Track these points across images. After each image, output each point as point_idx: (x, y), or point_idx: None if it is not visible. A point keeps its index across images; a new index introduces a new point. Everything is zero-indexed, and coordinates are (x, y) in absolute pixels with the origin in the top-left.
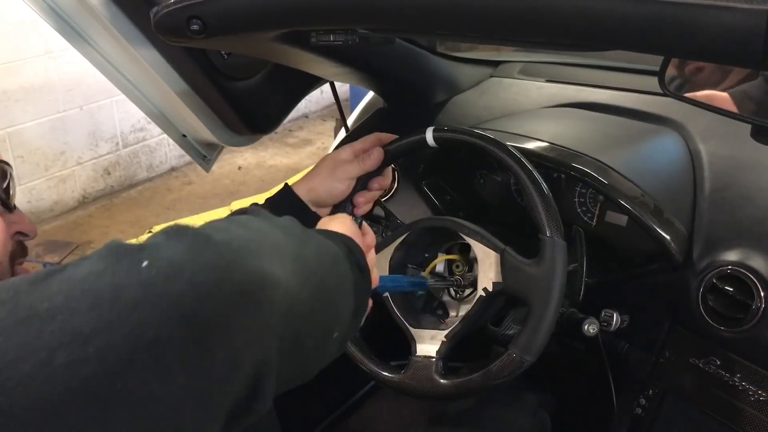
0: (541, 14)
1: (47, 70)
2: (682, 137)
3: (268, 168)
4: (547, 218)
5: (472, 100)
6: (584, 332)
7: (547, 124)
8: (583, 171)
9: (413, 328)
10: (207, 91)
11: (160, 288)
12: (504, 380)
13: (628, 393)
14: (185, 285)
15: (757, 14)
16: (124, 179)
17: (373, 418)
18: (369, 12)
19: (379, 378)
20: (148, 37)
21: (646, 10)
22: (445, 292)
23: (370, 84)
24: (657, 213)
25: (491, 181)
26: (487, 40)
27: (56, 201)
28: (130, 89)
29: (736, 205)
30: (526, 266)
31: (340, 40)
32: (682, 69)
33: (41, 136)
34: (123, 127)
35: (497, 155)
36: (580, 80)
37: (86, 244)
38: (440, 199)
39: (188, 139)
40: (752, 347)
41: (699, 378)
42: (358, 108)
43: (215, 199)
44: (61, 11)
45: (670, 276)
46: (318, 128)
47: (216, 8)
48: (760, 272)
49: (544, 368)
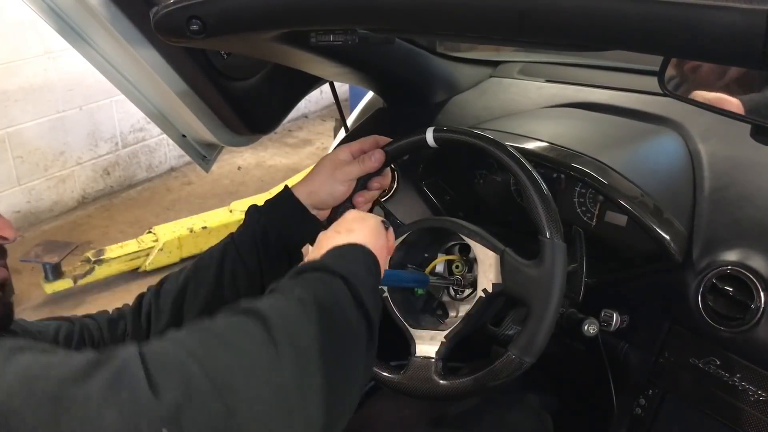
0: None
1: (47, 70)
2: (682, 137)
3: (268, 168)
4: (547, 219)
5: (472, 100)
6: (584, 332)
7: (547, 125)
8: (582, 171)
9: (413, 329)
10: (206, 92)
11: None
12: (503, 381)
13: (628, 393)
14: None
15: (757, 14)
16: (124, 179)
17: (373, 418)
18: (368, 12)
19: (379, 378)
20: (147, 38)
21: (646, 10)
22: (445, 292)
23: (370, 84)
24: (657, 213)
25: (491, 181)
26: (487, 40)
27: (56, 201)
28: (130, 89)
29: (736, 205)
30: (526, 268)
31: (339, 40)
32: (681, 69)
33: (41, 136)
34: (122, 127)
35: (497, 155)
36: (579, 80)
37: (86, 245)
38: (440, 199)
39: (188, 139)
40: (752, 347)
41: (698, 378)
42: (358, 108)
43: (215, 200)
44: (60, 11)
45: (670, 276)
46: (317, 128)
47: (216, 8)
48: (760, 272)
49: (544, 368)
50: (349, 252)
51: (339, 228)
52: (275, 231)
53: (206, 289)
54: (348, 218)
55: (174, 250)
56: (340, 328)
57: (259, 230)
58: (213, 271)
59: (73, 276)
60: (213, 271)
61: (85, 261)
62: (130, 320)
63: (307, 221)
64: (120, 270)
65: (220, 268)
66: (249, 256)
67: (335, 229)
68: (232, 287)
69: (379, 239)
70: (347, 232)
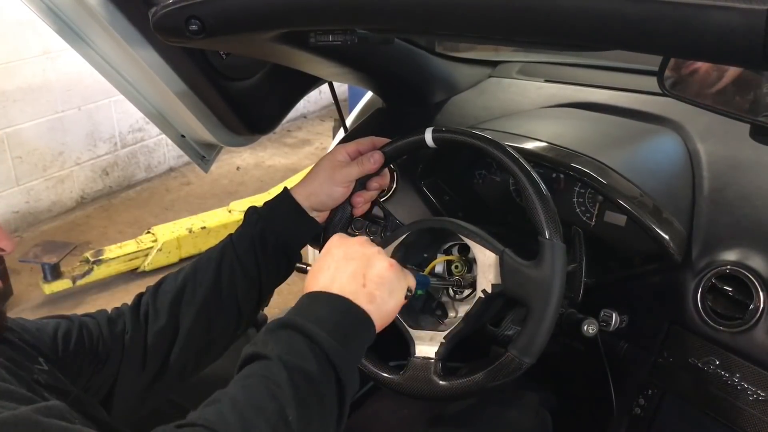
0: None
1: (45, 70)
2: (681, 137)
3: (267, 168)
4: (546, 220)
5: (471, 100)
6: (583, 332)
7: (546, 124)
8: (581, 171)
9: (412, 329)
10: (205, 92)
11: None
12: (503, 381)
13: (627, 393)
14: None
15: (757, 14)
16: (123, 180)
17: (372, 419)
18: (368, 12)
19: (378, 379)
20: (146, 38)
21: (645, 9)
22: (444, 293)
23: (369, 84)
24: (656, 213)
25: (490, 181)
26: (486, 40)
27: (54, 201)
28: (129, 89)
29: (735, 205)
30: (525, 268)
31: (338, 41)
32: (680, 69)
33: (39, 136)
34: (121, 127)
35: (496, 156)
36: (578, 80)
37: (84, 245)
38: (439, 199)
39: (187, 139)
40: (751, 347)
41: (698, 378)
42: (357, 108)
43: (213, 200)
44: (59, 11)
45: (669, 276)
46: (316, 128)
47: (215, 8)
48: (759, 272)
49: (543, 368)
50: (356, 334)
51: (369, 275)
52: (273, 233)
53: (204, 290)
54: (384, 275)
55: (173, 251)
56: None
57: (257, 232)
58: (211, 273)
59: (72, 276)
60: (211, 273)
61: (83, 261)
62: (128, 320)
63: (306, 223)
64: (119, 270)
65: (218, 269)
66: (247, 258)
67: (365, 272)
68: (230, 289)
69: (390, 317)
70: (369, 298)
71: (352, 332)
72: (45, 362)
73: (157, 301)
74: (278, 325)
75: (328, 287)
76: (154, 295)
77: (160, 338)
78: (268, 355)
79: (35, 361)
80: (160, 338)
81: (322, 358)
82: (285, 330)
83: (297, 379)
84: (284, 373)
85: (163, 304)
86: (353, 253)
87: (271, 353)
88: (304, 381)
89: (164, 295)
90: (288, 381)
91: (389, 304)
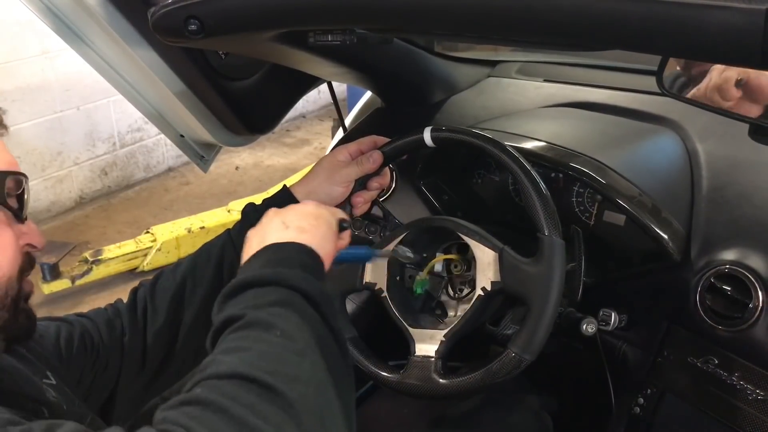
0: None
1: (44, 70)
2: (680, 137)
3: (266, 168)
4: (545, 217)
5: (470, 99)
6: (582, 332)
7: (545, 124)
8: (581, 170)
9: (412, 328)
10: (205, 92)
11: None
12: (503, 379)
13: (627, 392)
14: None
15: (756, 14)
16: (122, 179)
17: (372, 418)
18: (366, 12)
19: (378, 378)
20: (145, 37)
21: (644, 9)
22: (444, 291)
23: (368, 84)
24: (655, 212)
25: (489, 180)
26: (485, 39)
27: (53, 201)
28: (128, 89)
29: (734, 204)
30: (525, 265)
31: (338, 40)
32: (679, 68)
33: (38, 136)
34: (120, 127)
35: (495, 155)
36: (577, 80)
37: (83, 245)
38: (438, 198)
39: (186, 139)
40: (750, 346)
41: (697, 377)
42: (356, 108)
43: (212, 199)
44: (58, 11)
45: (668, 275)
46: (315, 128)
47: (214, 8)
48: (758, 271)
49: (543, 368)
50: (299, 259)
51: (287, 220)
52: None
53: (204, 288)
54: (302, 211)
55: (172, 250)
56: (323, 361)
57: None
58: (211, 270)
59: (71, 276)
60: (211, 270)
61: (83, 261)
62: (126, 320)
63: None
64: (118, 270)
65: (219, 267)
66: None
67: (283, 220)
68: None
69: (330, 244)
70: (298, 230)
71: (294, 257)
72: (52, 375)
73: (155, 298)
74: (225, 296)
75: (257, 248)
76: (151, 292)
77: (160, 338)
78: (237, 315)
79: (43, 374)
80: (160, 338)
81: (280, 289)
82: (234, 296)
83: (269, 319)
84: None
85: (162, 302)
86: (272, 215)
87: (240, 312)
88: (280, 318)
89: (163, 293)
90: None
91: (321, 228)
